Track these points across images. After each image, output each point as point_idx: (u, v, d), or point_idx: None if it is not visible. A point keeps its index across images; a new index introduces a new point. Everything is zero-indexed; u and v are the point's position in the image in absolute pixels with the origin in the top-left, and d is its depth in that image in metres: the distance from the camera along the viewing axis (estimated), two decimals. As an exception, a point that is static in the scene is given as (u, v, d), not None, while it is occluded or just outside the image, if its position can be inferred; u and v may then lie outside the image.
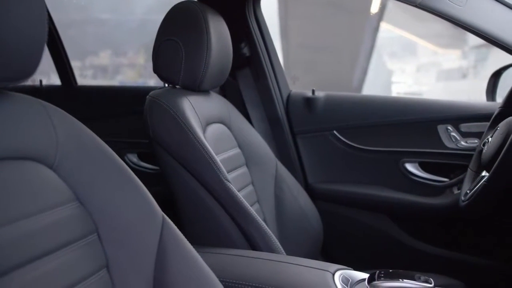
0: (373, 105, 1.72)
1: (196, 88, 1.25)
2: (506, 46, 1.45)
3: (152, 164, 1.90)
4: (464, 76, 5.25)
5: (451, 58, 5.31)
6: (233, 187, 1.13)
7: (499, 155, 1.11)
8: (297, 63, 4.31)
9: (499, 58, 1.63)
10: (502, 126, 1.20)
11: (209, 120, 1.28)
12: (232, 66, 1.37)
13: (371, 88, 4.60)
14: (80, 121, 0.78)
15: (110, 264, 0.75)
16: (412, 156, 1.65)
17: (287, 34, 4.32)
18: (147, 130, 1.18)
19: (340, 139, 1.72)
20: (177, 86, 1.26)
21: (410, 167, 1.65)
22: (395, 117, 1.67)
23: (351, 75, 4.31)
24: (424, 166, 1.65)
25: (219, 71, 1.29)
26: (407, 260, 1.61)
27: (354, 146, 1.71)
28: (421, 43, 5.28)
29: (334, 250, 1.70)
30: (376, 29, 4.35)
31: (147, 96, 1.20)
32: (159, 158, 1.19)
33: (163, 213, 0.83)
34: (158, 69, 1.25)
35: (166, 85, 1.28)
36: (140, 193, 0.81)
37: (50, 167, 0.70)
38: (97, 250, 0.74)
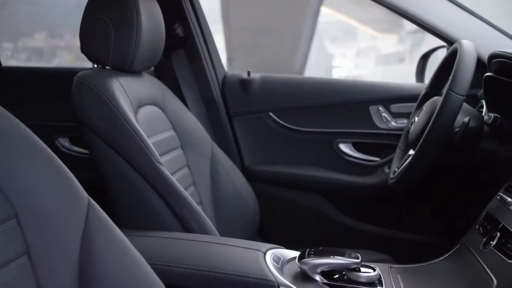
0: (308, 87, 1.74)
1: (127, 68, 1.22)
2: (435, 31, 1.51)
3: (85, 149, 1.84)
4: (401, 60, 5.42)
5: (389, 43, 5.46)
6: (166, 170, 1.11)
7: (423, 134, 1.16)
8: (239, 46, 4.29)
9: (433, 43, 1.70)
10: (427, 106, 1.24)
11: (141, 102, 1.25)
12: (165, 47, 1.34)
13: (313, 72, 4.67)
14: (5, 104, 0.74)
15: (31, 250, 0.72)
16: (346, 137, 1.69)
17: (229, 17, 4.28)
18: (75, 113, 1.14)
19: (276, 120, 1.73)
20: (107, 67, 1.22)
21: (344, 147, 1.69)
22: (329, 98, 1.70)
23: (293, 58, 4.35)
24: (357, 146, 1.70)
25: (151, 51, 1.26)
26: (341, 238, 1.66)
27: (289, 127, 1.73)
28: (361, 28, 5.40)
29: (271, 231, 1.72)
30: (316, 13, 4.39)
31: (75, 77, 1.16)
32: (88, 141, 1.15)
33: (89, 197, 0.80)
34: (86, 49, 1.20)
35: (95, 65, 1.24)
36: (63, 176, 0.78)
37: None
38: (16, 236, 0.71)
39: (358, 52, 5.67)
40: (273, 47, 4.30)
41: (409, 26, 1.57)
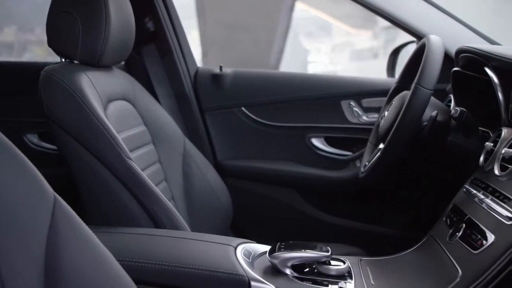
0: (280, 82, 1.75)
1: (96, 63, 1.20)
2: (405, 26, 1.54)
3: (54, 145, 1.81)
4: (375, 56, 5.47)
5: (363, 39, 5.52)
6: (136, 166, 1.10)
7: (392, 128, 1.17)
8: (214, 41, 4.27)
9: (405, 38, 1.72)
10: (396, 100, 1.26)
11: (110, 97, 1.24)
12: (136, 41, 1.32)
13: (288, 67, 4.68)
14: None
15: (-6, 249, 0.71)
16: (318, 131, 1.70)
17: (204, 12, 4.26)
18: (42, 108, 1.12)
19: (248, 115, 1.73)
20: (75, 61, 1.20)
21: (316, 142, 1.70)
22: (301, 93, 1.71)
23: (268, 53, 4.35)
24: (329, 141, 1.71)
25: (121, 45, 1.24)
26: (313, 232, 1.67)
27: (262, 122, 1.73)
28: (335, 23, 5.43)
29: (244, 226, 1.73)
30: (291, 8, 4.40)
31: (42, 72, 1.13)
32: (56, 137, 1.13)
33: (55, 194, 0.79)
34: (53, 43, 1.18)
35: (63, 60, 1.21)
36: (27, 172, 0.76)
37: None
38: (-23, 235, 0.69)
39: (333, 48, 5.70)
40: (248, 42, 4.29)
41: (382, 22, 1.59)
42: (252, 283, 0.85)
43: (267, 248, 0.95)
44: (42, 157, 1.72)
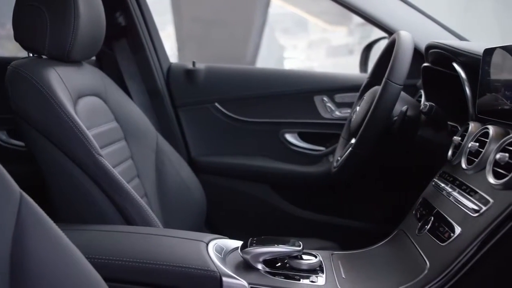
0: (254, 77, 1.75)
1: (65, 58, 1.17)
2: (376, 22, 1.55)
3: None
4: (350, 52, 5.51)
5: (339, 35, 5.55)
6: (106, 162, 1.08)
7: (364, 123, 1.18)
8: (190, 36, 4.24)
9: (380, 35, 1.74)
10: (367, 95, 1.27)
11: (80, 93, 1.22)
12: (107, 36, 1.30)
13: (265, 63, 4.68)
14: None
15: (-42, 248, 0.69)
16: (292, 127, 1.71)
17: (179, 7, 4.22)
18: (10, 104, 1.10)
19: (222, 111, 1.73)
20: (44, 56, 1.18)
21: (289, 137, 1.71)
22: (275, 88, 1.71)
23: (244, 49, 4.34)
24: (302, 136, 1.72)
25: (91, 40, 1.22)
26: (288, 227, 1.68)
27: (235, 118, 1.73)
28: (311, 20, 5.45)
29: (218, 222, 1.72)
30: (267, 4, 4.39)
31: (8, 67, 1.11)
32: (24, 134, 1.11)
33: (22, 191, 0.77)
34: (20, 37, 1.15)
35: (31, 55, 1.19)
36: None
37: None
38: None
39: (309, 44, 5.72)
40: (224, 38, 4.27)
41: (358, 18, 1.60)
42: (224, 279, 0.84)
43: (239, 243, 0.95)
44: (12, 154, 1.69)
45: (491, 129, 0.93)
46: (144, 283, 0.87)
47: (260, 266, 0.90)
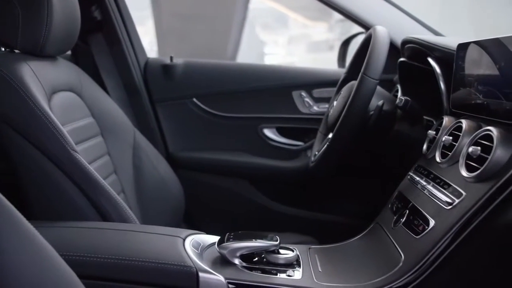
0: (232, 72, 1.74)
1: (38, 52, 1.15)
2: (354, 18, 1.56)
3: None
4: (330, 47, 5.53)
5: (319, 31, 5.57)
6: (81, 158, 1.07)
7: (340, 117, 1.19)
8: (170, 32, 4.21)
9: (360, 31, 1.75)
10: (344, 90, 1.28)
11: (55, 88, 1.20)
12: (83, 30, 1.28)
13: (245, 59, 4.67)
14: None
15: None
16: (270, 122, 1.71)
17: (159, 2, 4.18)
18: None
19: (200, 106, 1.72)
20: (16, 51, 1.16)
21: (268, 132, 1.71)
22: (253, 84, 1.71)
23: (225, 45, 4.32)
24: (281, 131, 1.72)
25: (65, 34, 1.20)
26: (267, 222, 1.68)
27: (214, 113, 1.72)
28: (292, 15, 5.45)
29: (196, 217, 1.72)
30: (247, -1, 4.38)
31: None
32: None
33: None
34: None
35: (2, 49, 1.16)
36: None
37: None
38: None
39: (289, 40, 5.73)
40: (205, 33, 4.25)
41: (338, 14, 1.61)
42: (200, 274, 0.84)
43: (216, 239, 0.95)
44: None
45: (464, 123, 0.95)
46: (120, 280, 0.87)
47: (237, 261, 0.90)
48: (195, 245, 0.93)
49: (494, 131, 0.83)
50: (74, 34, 1.25)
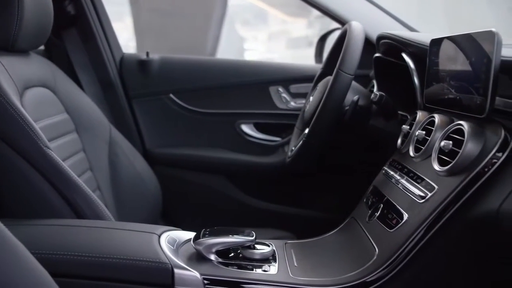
0: (209, 68, 1.74)
1: (9, 47, 1.13)
2: (330, 13, 1.57)
3: None
4: (310, 44, 5.54)
5: (299, 27, 5.58)
6: (54, 154, 1.05)
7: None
8: (149, 28, 4.17)
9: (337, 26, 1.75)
10: (320, 85, 1.28)
11: (27, 84, 1.17)
12: (56, 25, 1.26)
13: (225, 55, 4.65)
14: None
15: None
16: (247, 118, 1.71)
17: (137, -2, 4.14)
18: None
19: (177, 102, 1.71)
20: None
21: (245, 128, 1.71)
22: (230, 79, 1.71)
23: (204, 41, 4.30)
24: (258, 127, 1.72)
25: (37, 29, 1.18)
26: (245, 218, 1.68)
27: (191, 109, 1.71)
28: (271, 11, 5.45)
29: (174, 214, 1.71)
30: (227, -6, 4.36)
31: None
32: None
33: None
34: None
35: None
36: None
37: None
38: None
39: (269, 36, 5.73)
40: (184, 29, 4.22)
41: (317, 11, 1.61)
42: (176, 270, 0.84)
43: (192, 235, 0.95)
44: None
45: (437, 118, 0.96)
46: (94, 277, 0.86)
47: (213, 257, 0.90)
48: (170, 241, 0.93)
49: (465, 125, 0.84)
50: (47, 29, 1.22)
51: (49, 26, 1.23)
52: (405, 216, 0.88)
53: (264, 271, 0.90)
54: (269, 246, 0.95)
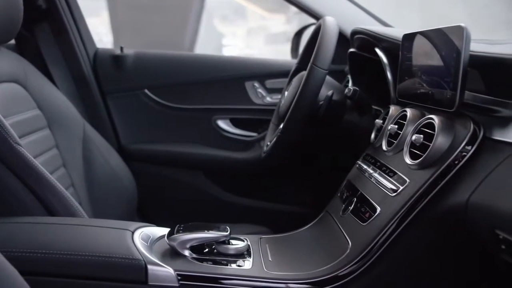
0: (184, 63, 1.72)
1: None
2: (305, 9, 1.57)
3: None
4: (288, 39, 5.53)
5: (278, 23, 5.57)
6: (25, 151, 1.03)
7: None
8: (126, 23, 4.12)
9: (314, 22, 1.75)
10: (295, 81, 1.28)
11: None
12: (27, 20, 1.23)
13: (203, 51, 4.62)
14: None
15: None
16: (223, 113, 1.70)
17: (114, -7, 4.09)
18: None
19: (152, 98, 1.70)
20: None
21: (221, 123, 1.71)
22: (205, 75, 1.70)
23: (182, 36, 4.27)
24: (234, 122, 1.72)
25: (6, 23, 1.15)
26: (221, 213, 1.68)
27: (166, 104, 1.70)
28: (250, 7, 5.44)
29: (150, 210, 1.70)
30: (204, -10, 4.33)
31: None
32: None
33: None
34: None
35: None
36: None
37: None
38: None
39: (248, 31, 5.71)
40: (161, 25, 4.18)
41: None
42: (149, 267, 0.84)
43: (167, 231, 0.94)
44: None
45: (409, 112, 0.97)
46: (66, 275, 0.85)
47: (187, 253, 0.90)
48: (144, 237, 0.92)
49: (436, 119, 0.85)
50: (16, 23, 1.19)
51: (19, 20, 1.20)
52: (378, 209, 0.89)
53: (239, 266, 0.90)
54: (243, 241, 0.95)
